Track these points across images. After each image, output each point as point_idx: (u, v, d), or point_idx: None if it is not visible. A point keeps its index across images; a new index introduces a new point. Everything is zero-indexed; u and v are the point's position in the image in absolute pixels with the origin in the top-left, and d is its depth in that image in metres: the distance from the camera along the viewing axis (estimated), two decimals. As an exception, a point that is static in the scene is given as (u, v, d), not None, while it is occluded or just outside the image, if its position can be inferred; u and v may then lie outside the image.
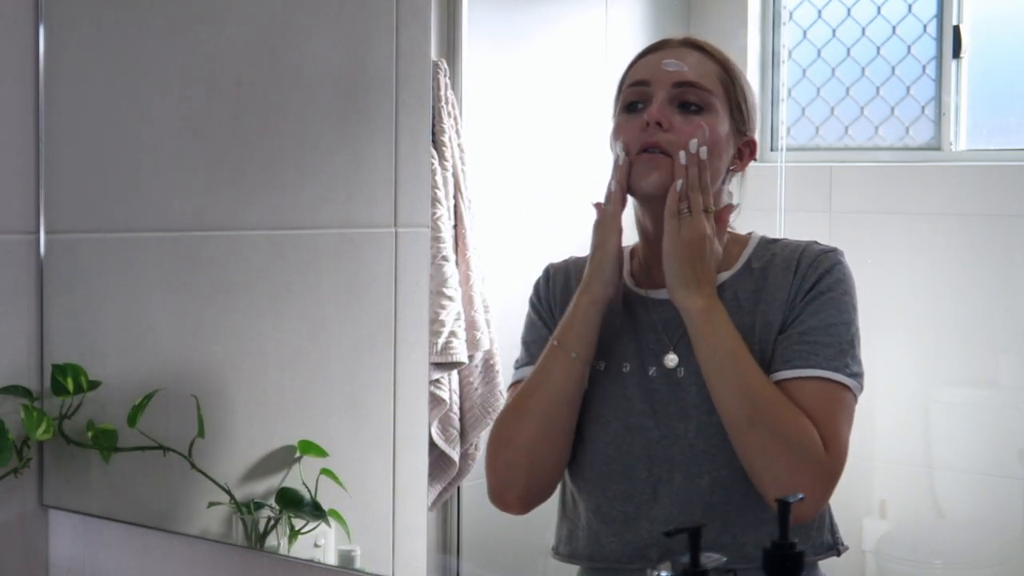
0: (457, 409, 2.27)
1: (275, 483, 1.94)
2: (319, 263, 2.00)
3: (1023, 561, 2.32)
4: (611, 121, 1.58)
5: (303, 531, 1.92)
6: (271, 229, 2.00)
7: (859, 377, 1.47)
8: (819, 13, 2.60)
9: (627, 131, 1.52)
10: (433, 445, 2.21)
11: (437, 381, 2.20)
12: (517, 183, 2.44)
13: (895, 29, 2.56)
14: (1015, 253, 2.44)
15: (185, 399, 1.96)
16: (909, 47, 2.55)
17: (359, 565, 1.91)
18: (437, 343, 2.16)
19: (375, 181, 1.96)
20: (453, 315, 2.19)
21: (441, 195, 2.20)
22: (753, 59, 2.49)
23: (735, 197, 1.56)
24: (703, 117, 1.51)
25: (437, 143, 2.22)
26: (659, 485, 1.50)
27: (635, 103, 1.54)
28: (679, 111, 1.52)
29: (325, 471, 1.91)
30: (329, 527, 1.91)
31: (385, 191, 1.96)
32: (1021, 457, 2.35)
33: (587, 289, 1.52)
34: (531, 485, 1.56)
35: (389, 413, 1.98)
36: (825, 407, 1.44)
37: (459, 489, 2.29)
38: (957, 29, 2.47)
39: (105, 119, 2.11)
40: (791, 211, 2.28)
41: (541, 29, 2.55)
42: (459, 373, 2.28)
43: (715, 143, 1.51)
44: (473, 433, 2.28)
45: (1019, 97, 2.47)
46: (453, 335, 2.19)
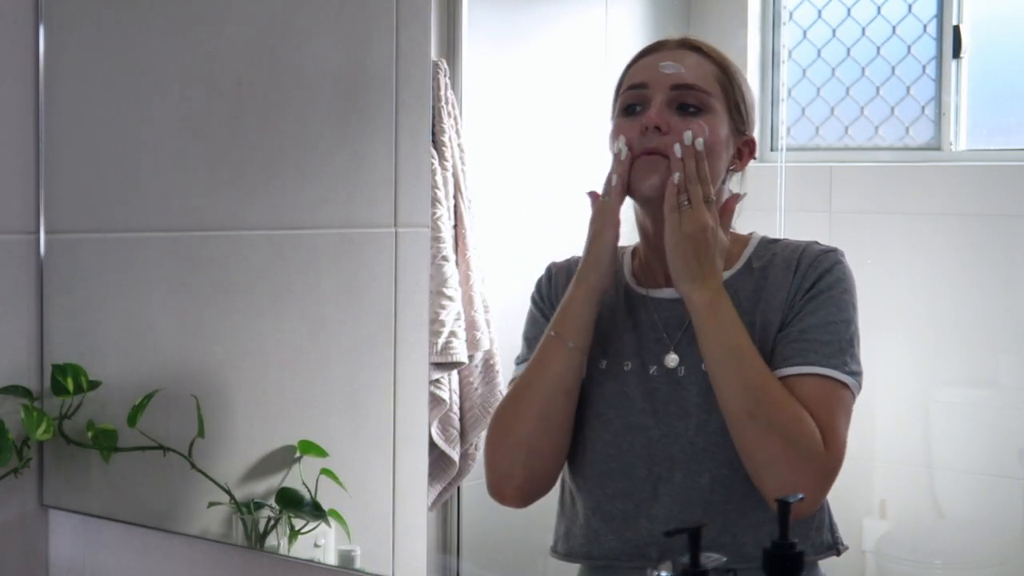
0: (457, 409, 2.27)
1: (275, 483, 1.94)
2: (319, 263, 2.00)
3: (1023, 561, 2.32)
4: (610, 122, 1.58)
5: (303, 531, 1.92)
6: (271, 229, 2.00)
7: (858, 376, 1.47)
8: (819, 13, 2.60)
9: (626, 134, 1.53)
10: (433, 445, 2.21)
11: (437, 381, 2.21)
12: (517, 183, 2.44)
13: (895, 29, 2.56)
14: (1015, 253, 2.44)
15: (185, 399, 1.96)
16: (909, 47, 2.55)
17: (359, 565, 1.91)
18: (437, 343, 2.17)
19: (375, 181, 1.96)
20: (453, 315, 2.20)
21: (441, 195, 2.20)
22: (753, 59, 2.49)
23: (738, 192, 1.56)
24: (702, 118, 1.51)
25: (437, 143, 2.22)
26: (659, 483, 1.50)
27: (633, 106, 1.54)
28: (677, 113, 1.51)
29: (325, 471, 1.90)
30: (329, 527, 1.91)
31: (385, 191, 1.96)
32: (1021, 457, 2.35)
33: (584, 279, 1.52)
34: (529, 476, 1.55)
35: (389, 413, 1.98)
36: (824, 404, 1.44)
37: (459, 489, 2.29)
38: (957, 29, 2.47)
39: (105, 119, 2.11)
40: (791, 211, 2.28)
41: (541, 29, 2.55)
42: (459, 373, 2.28)
43: (714, 144, 1.51)
44: (473, 433, 2.28)
45: (1019, 97, 2.47)
46: (453, 335, 2.20)
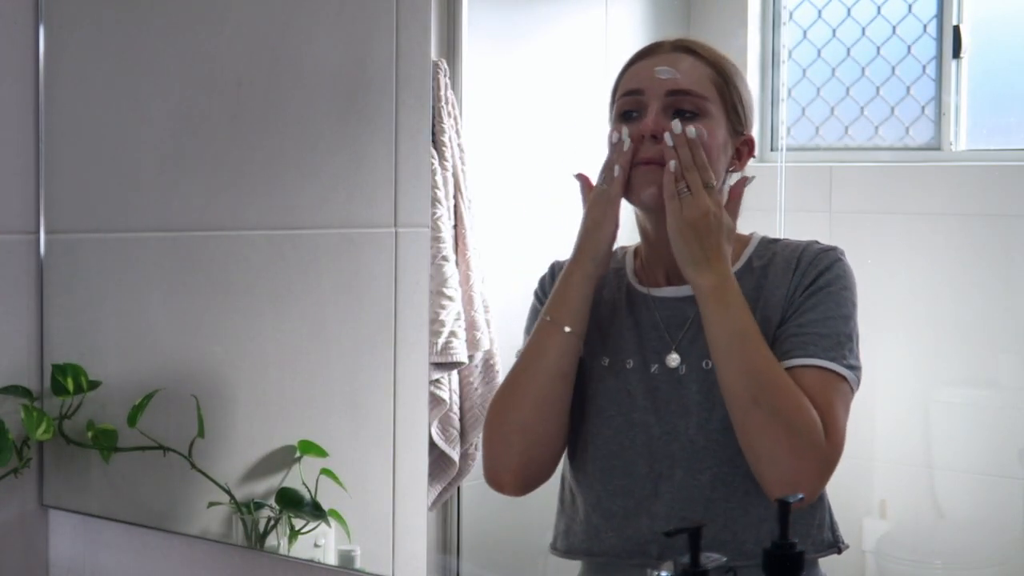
0: (457, 409, 2.27)
1: (275, 483, 1.94)
2: (319, 263, 2.00)
3: (1023, 561, 2.32)
4: (608, 125, 1.58)
5: (303, 531, 1.92)
6: (271, 229, 2.00)
7: (856, 371, 1.47)
8: (819, 13, 2.60)
9: (626, 152, 1.52)
10: (433, 445, 2.21)
11: (437, 381, 2.21)
12: (517, 183, 2.44)
13: (895, 29, 2.56)
14: (1015, 253, 2.44)
15: (185, 399, 1.96)
16: (909, 47, 2.55)
17: (359, 565, 1.91)
18: (437, 343, 2.17)
19: (375, 181, 1.96)
20: (453, 315, 2.20)
21: (441, 195, 2.20)
22: (753, 59, 2.49)
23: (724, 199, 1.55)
24: (698, 123, 1.51)
25: (437, 143, 2.22)
26: (660, 481, 1.50)
27: (629, 112, 1.54)
28: (674, 120, 1.51)
29: (325, 471, 1.90)
30: (329, 527, 1.91)
31: (385, 191, 1.96)
32: (1021, 457, 2.35)
33: (580, 265, 1.52)
34: (526, 463, 1.55)
35: (389, 413, 1.98)
36: (823, 395, 1.44)
37: (459, 489, 2.29)
38: (957, 29, 2.47)
39: (105, 119, 2.11)
40: (791, 211, 2.28)
41: (541, 29, 2.55)
42: (459, 373, 2.28)
43: (712, 148, 1.51)
44: (473, 433, 2.28)
45: (1019, 97, 2.46)
46: (453, 335, 2.20)
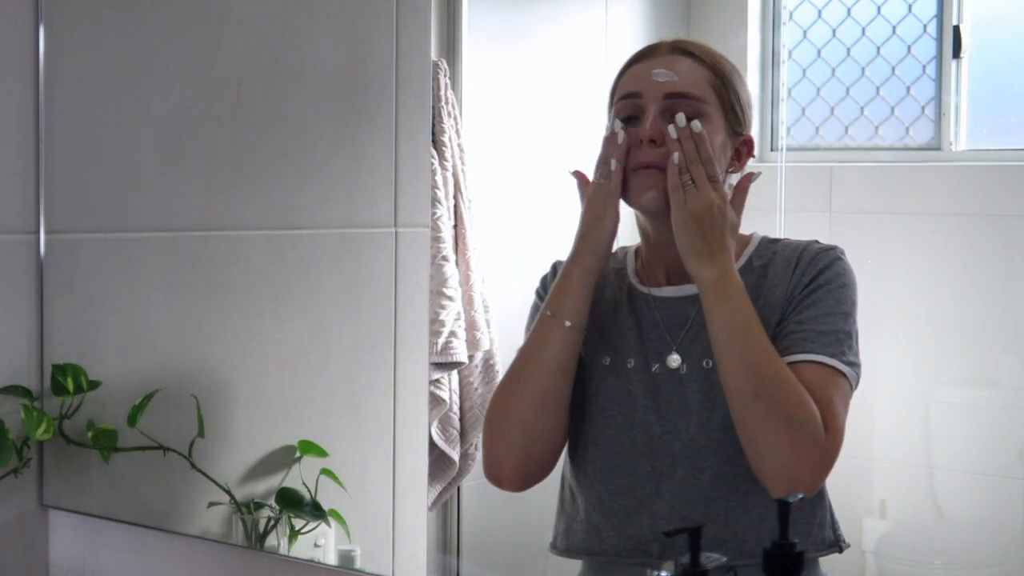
0: (457, 409, 2.27)
1: (275, 483, 1.94)
2: (319, 263, 2.00)
3: (1023, 561, 2.32)
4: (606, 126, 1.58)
5: (303, 531, 1.92)
6: (271, 229, 2.00)
7: (855, 367, 1.48)
8: (819, 13, 2.59)
9: (621, 146, 1.52)
10: (433, 445, 2.21)
11: (437, 381, 2.21)
12: (517, 183, 2.44)
13: (895, 29, 2.56)
14: (1015, 253, 2.44)
15: (185, 399, 1.96)
16: (909, 47, 2.55)
17: (359, 565, 1.91)
18: (437, 343, 2.17)
19: (375, 181, 1.96)
20: (453, 315, 2.20)
21: (441, 195, 2.20)
22: (753, 59, 2.49)
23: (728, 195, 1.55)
24: None
25: (437, 143, 2.22)
26: (661, 480, 1.50)
27: (628, 116, 1.54)
28: (677, 114, 1.51)
29: (325, 471, 1.90)
30: (329, 527, 1.91)
31: (385, 191, 1.96)
32: (1021, 457, 2.35)
33: (581, 260, 1.53)
34: (526, 458, 1.55)
35: (389, 413, 1.98)
36: (822, 390, 1.44)
37: (459, 489, 2.29)
38: (957, 29, 2.47)
39: (105, 119, 2.11)
40: (791, 211, 2.28)
41: (541, 29, 2.55)
42: (459, 373, 2.28)
43: (711, 149, 1.51)
44: (473, 433, 2.28)
45: (1019, 97, 2.46)
46: (453, 335, 2.20)
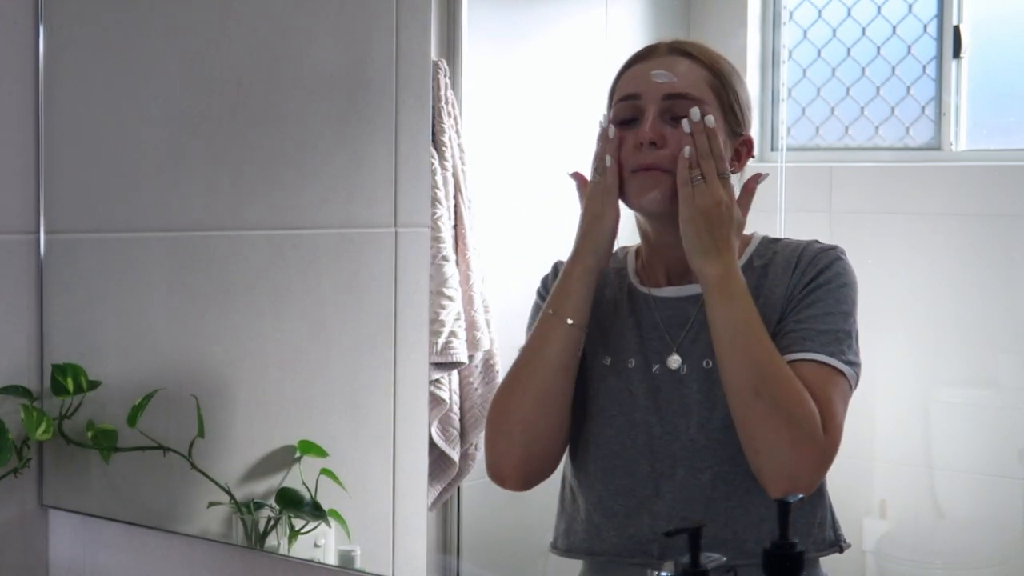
0: (457, 409, 2.27)
1: (275, 483, 1.94)
2: (319, 263, 2.00)
3: (1023, 561, 2.32)
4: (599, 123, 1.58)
5: (303, 531, 1.92)
6: (271, 229, 2.00)
7: (855, 367, 1.48)
8: (819, 13, 2.59)
9: (613, 140, 1.53)
10: (433, 445, 2.21)
11: (437, 381, 2.20)
12: (517, 183, 2.43)
13: (895, 29, 2.55)
14: (1015, 253, 2.44)
15: (185, 399, 1.96)
16: (909, 47, 2.54)
17: (359, 565, 1.91)
18: (437, 343, 2.16)
19: (375, 181, 1.96)
20: (453, 315, 2.19)
21: (441, 195, 2.20)
22: (753, 59, 2.49)
23: (735, 194, 1.55)
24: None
25: (437, 143, 2.22)
26: (661, 480, 1.51)
27: (627, 117, 1.54)
28: (671, 124, 1.51)
29: (325, 471, 1.91)
30: (329, 527, 1.91)
31: (385, 191, 1.96)
32: (1021, 457, 2.35)
33: (582, 258, 1.53)
34: (528, 457, 1.55)
35: (389, 413, 1.98)
36: (821, 389, 1.44)
37: (459, 489, 2.29)
38: (957, 29, 2.46)
39: (105, 119, 2.11)
40: (791, 211, 2.27)
41: (541, 29, 2.55)
42: (459, 373, 2.28)
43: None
44: (473, 433, 2.28)
45: (1019, 97, 2.46)
46: (453, 335, 2.19)
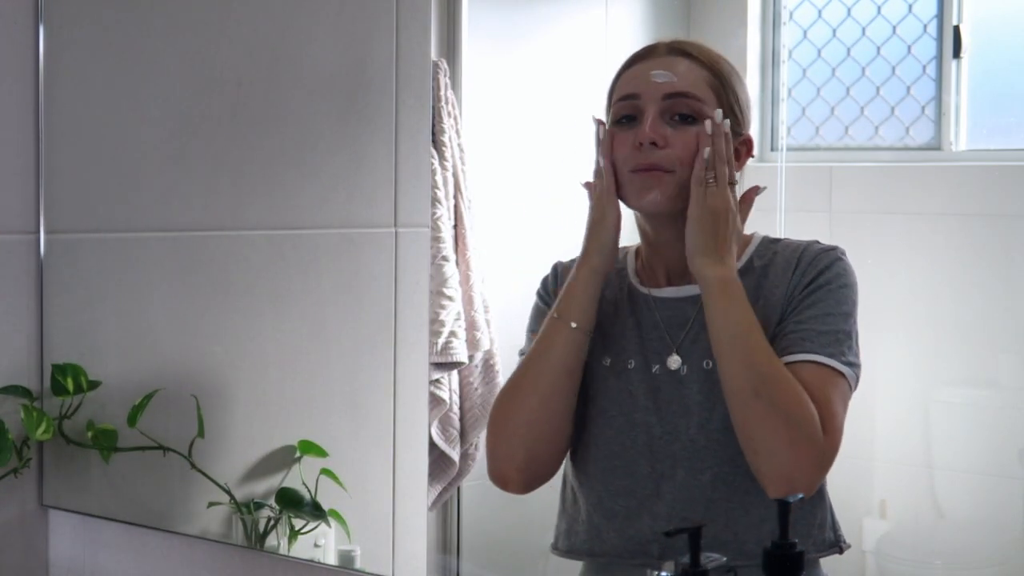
0: (457, 409, 2.27)
1: (275, 483, 1.94)
2: (319, 263, 2.00)
3: (1023, 561, 2.32)
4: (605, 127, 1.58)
5: (303, 531, 1.92)
6: (271, 229, 2.00)
7: (855, 367, 1.48)
8: (819, 13, 2.59)
9: (620, 147, 1.53)
10: (433, 445, 2.21)
11: (437, 381, 2.20)
12: (517, 183, 2.43)
13: (895, 29, 2.55)
14: (1015, 253, 2.44)
15: (185, 399, 1.96)
16: (909, 47, 2.54)
17: (359, 565, 1.91)
18: (437, 343, 2.16)
19: (375, 181, 1.96)
20: (453, 315, 2.19)
21: (441, 195, 2.20)
22: (753, 59, 2.49)
23: (736, 195, 1.56)
24: (697, 127, 1.51)
25: (437, 143, 2.22)
26: (661, 481, 1.51)
27: (626, 117, 1.54)
28: (671, 124, 1.51)
29: (325, 471, 1.91)
30: (329, 527, 1.91)
31: (385, 191, 1.96)
32: (1021, 457, 2.35)
33: (587, 261, 1.53)
34: (531, 459, 1.55)
35: (389, 413, 1.98)
36: (821, 390, 1.44)
37: (459, 489, 2.29)
38: (957, 29, 2.46)
39: (105, 119, 2.11)
40: (791, 211, 2.27)
41: (541, 29, 2.55)
42: (459, 373, 2.28)
43: (705, 133, 1.51)
44: (473, 433, 2.28)
45: (1019, 97, 2.46)
46: (453, 335, 2.19)
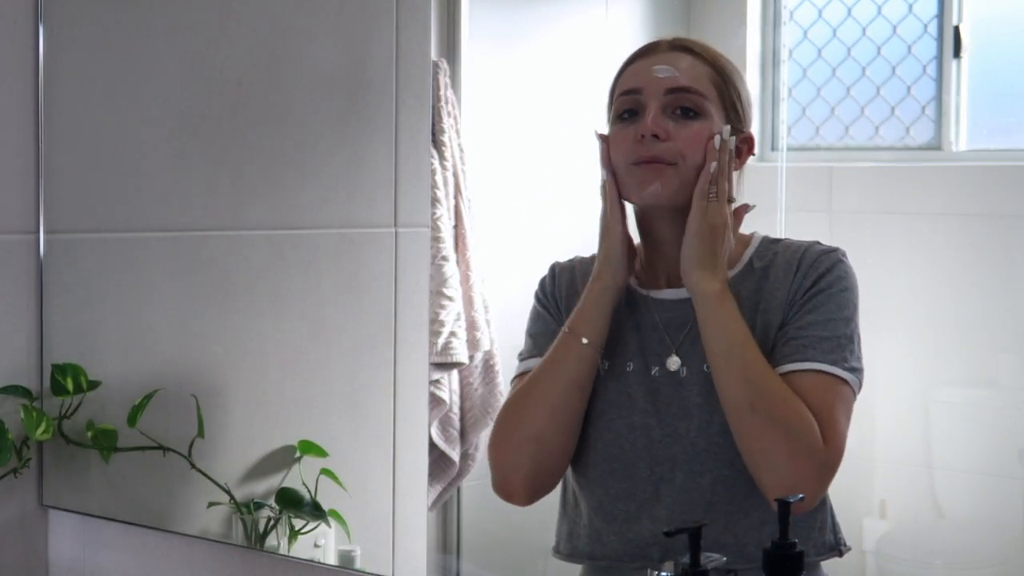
0: (457, 409, 2.27)
1: (275, 483, 1.94)
2: (319, 263, 2.00)
3: (1023, 561, 2.32)
4: (606, 125, 1.58)
5: (303, 531, 1.92)
6: (271, 229, 2.00)
7: (858, 373, 1.47)
8: (819, 13, 2.59)
9: (622, 141, 1.53)
10: (433, 445, 2.21)
11: (437, 381, 2.20)
12: (517, 183, 2.43)
13: (895, 29, 2.55)
14: (1015, 253, 2.44)
15: (185, 399, 1.96)
16: (909, 47, 2.54)
17: (359, 565, 1.91)
18: (437, 343, 2.16)
19: (375, 181, 1.96)
20: (453, 315, 2.19)
21: (441, 195, 2.20)
22: (753, 59, 2.49)
23: (737, 195, 1.56)
24: (698, 122, 1.51)
25: (437, 143, 2.22)
26: (661, 484, 1.50)
27: (628, 112, 1.54)
28: (674, 118, 1.51)
29: (325, 471, 1.91)
30: (329, 527, 1.91)
31: (385, 191, 1.96)
32: (1021, 457, 2.35)
33: (598, 277, 1.53)
34: (537, 471, 1.55)
35: (389, 413, 1.98)
36: (822, 399, 1.44)
37: (459, 489, 2.29)
38: (957, 29, 2.46)
39: (105, 119, 2.11)
40: (791, 211, 2.27)
41: (541, 29, 2.55)
42: (459, 373, 2.28)
43: (712, 148, 1.51)
44: (473, 433, 2.28)
45: (1019, 97, 2.46)
46: (453, 335, 2.19)
